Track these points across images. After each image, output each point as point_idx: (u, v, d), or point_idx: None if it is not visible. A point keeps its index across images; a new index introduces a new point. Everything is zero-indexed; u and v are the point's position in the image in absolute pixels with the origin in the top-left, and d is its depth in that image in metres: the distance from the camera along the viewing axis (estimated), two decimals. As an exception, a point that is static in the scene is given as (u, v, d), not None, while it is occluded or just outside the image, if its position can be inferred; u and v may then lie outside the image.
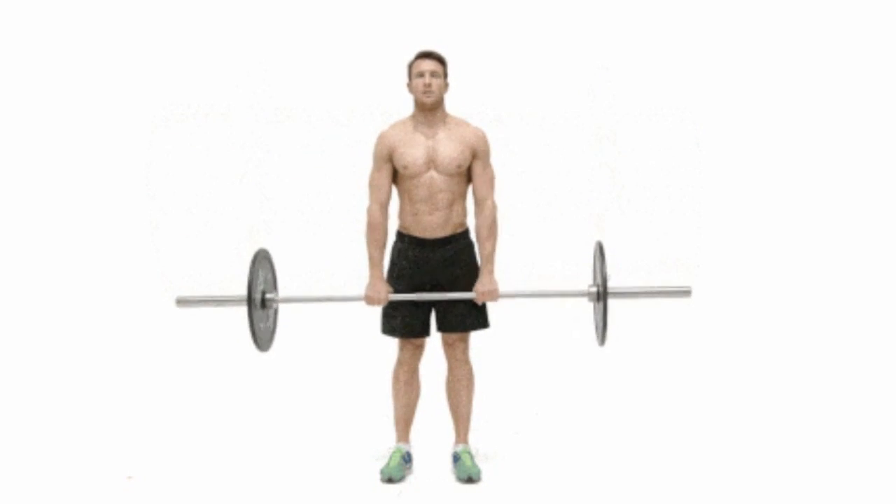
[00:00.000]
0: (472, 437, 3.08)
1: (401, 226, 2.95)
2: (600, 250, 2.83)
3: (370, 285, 2.89)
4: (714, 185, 4.69)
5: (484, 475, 2.92)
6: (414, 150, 2.84)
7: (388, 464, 2.93)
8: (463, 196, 2.93)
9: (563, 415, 3.62)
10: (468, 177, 2.91)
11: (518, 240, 4.69)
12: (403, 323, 2.92)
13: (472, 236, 2.97)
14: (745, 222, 4.67)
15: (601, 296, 2.81)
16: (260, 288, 2.90)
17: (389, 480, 2.88)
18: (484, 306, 2.97)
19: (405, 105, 2.94)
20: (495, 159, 2.95)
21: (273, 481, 2.92)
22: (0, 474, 2.97)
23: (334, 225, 4.72)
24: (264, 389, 4.04)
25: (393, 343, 3.02)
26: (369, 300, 2.88)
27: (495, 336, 3.36)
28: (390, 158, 2.87)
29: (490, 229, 2.88)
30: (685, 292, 2.88)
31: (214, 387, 4.09)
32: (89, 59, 4.59)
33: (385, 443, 3.14)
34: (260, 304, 2.90)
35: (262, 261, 2.94)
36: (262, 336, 2.93)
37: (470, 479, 2.88)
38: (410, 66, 2.89)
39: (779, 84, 4.61)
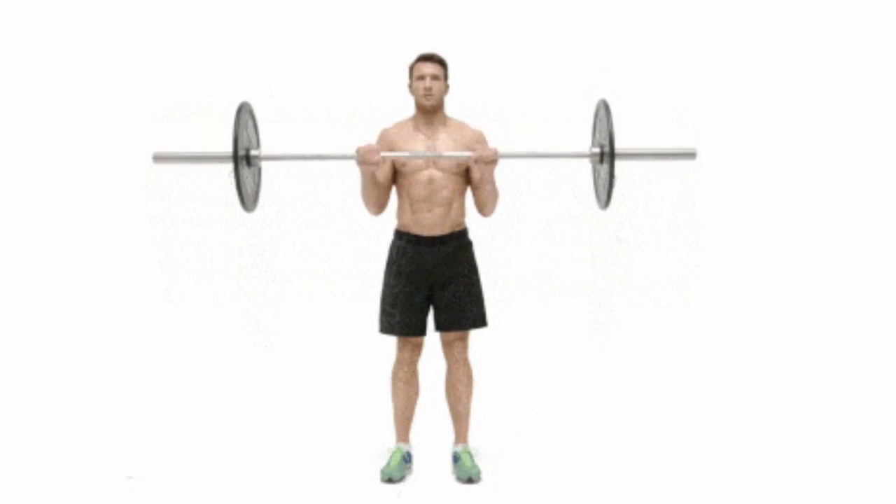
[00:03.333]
0: (472, 437, 3.08)
1: (399, 224, 2.96)
2: (605, 108, 2.74)
3: (364, 146, 2.77)
4: (714, 186, 4.69)
5: (484, 475, 2.92)
6: (413, 148, 2.86)
7: (388, 464, 2.93)
8: (462, 195, 2.93)
9: (563, 415, 3.62)
10: (467, 177, 2.92)
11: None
12: (402, 322, 2.92)
13: (471, 236, 2.99)
14: (745, 223, 4.66)
15: (605, 157, 2.71)
16: (244, 145, 2.76)
17: (389, 480, 2.88)
18: (482, 306, 2.97)
19: (406, 106, 2.95)
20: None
21: (273, 481, 2.92)
22: (0, 474, 2.97)
23: (335, 225, 4.73)
24: (264, 389, 4.04)
25: (392, 343, 3.02)
26: (362, 153, 2.74)
27: (495, 336, 3.37)
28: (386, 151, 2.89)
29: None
30: (690, 154, 2.78)
31: (214, 387, 4.09)
32: (88, 59, 4.59)
33: (385, 443, 3.14)
34: (245, 160, 2.76)
35: (245, 116, 2.81)
36: (247, 196, 2.82)
37: (470, 480, 2.88)
38: (411, 68, 2.90)
39: (780, 84, 4.61)
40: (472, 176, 2.89)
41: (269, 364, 4.44)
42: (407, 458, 2.99)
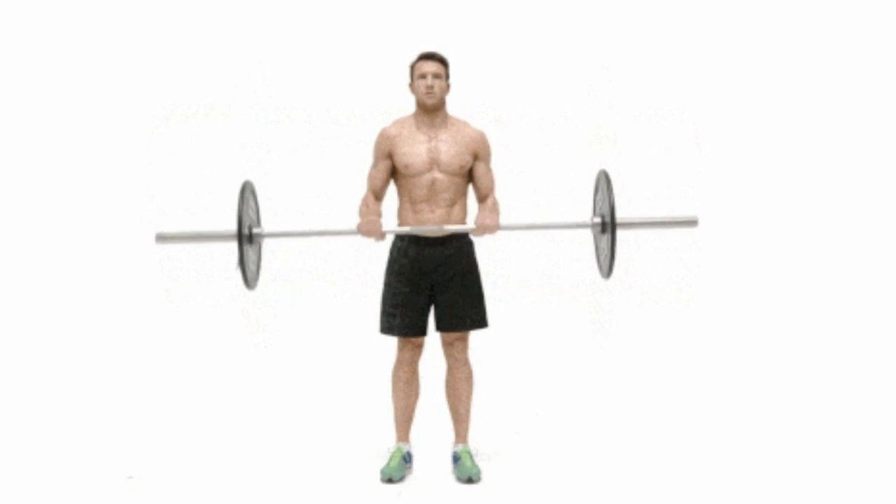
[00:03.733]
0: (472, 437, 3.08)
1: (400, 225, 2.95)
2: (606, 179, 2.72)
3: (364, 219, 2.79)
4: (714, 186, 4.69)
5: (484, 475, 2.92)
6: (416, 151, 2.85)
7: (388, 464, 2.93)
8: (464, 196, 2.93)
9: (562, 415, 3.62)
10: (469, 177, 2.92)
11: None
12: (402, 322, 2.92)
13: (472, 237, 2.99)
14: (745, 222, 4.66)
15: (606, 227, 2.70)
16: (246, 222, 2.74)
17: (389, 480, 2.88)
18: (482, 306, 2.97)
19: (407, 105, 2.95)
20: (496, 160, 2.96)
21: (273, 481, 2.92)
22: (0, 474, 2.97)
23: (335, 225, 4.71)
24: (264, 389, 4.05)
25: (392, 343, 3.02)
26: (363, 228, 2.76)
27: (495, 336, 3.36)
28: (390, 155, 2.88)
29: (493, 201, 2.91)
30: (691, 222, 2.78)
31: (214, 387, 4.09)
32: (89, 59, 4.59)
33: (385, 443, 3.14)
34: (248, 238, 2.74)
35: (248, 194, 2.79)
36: (250, 273, 2.80)
37: (470, 480, 2.88)
38: (412, 67, 2.89)
39: (781, 83, 4.61)
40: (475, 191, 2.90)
41: (269, 364, 4.44)
42: (407, 458, 2.98)
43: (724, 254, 4.66)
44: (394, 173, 2.92)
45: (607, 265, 2.77)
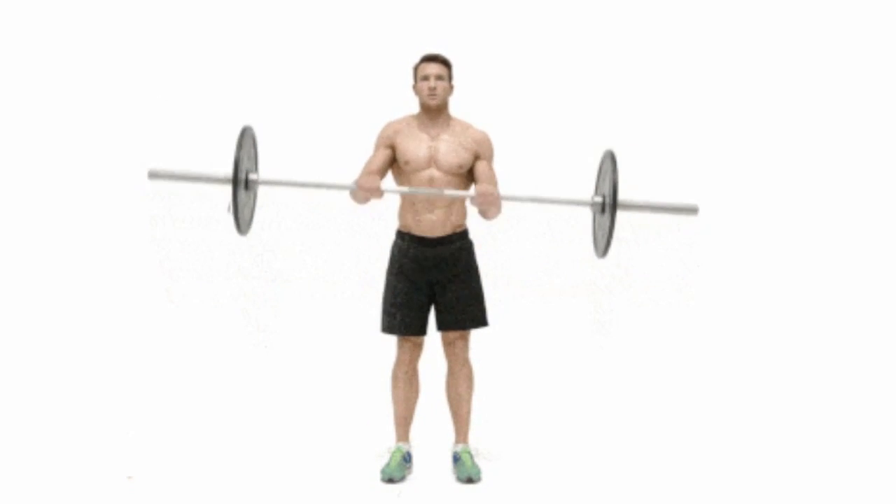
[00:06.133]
0: (472, 437, 3.08)
1: (401, 225, 2.96)
2: (611, 159, 2.73)
3: (363, 176, 2.78)
4: (714, 185, 4.69)
5: (484, 475, 2.92)
6: (416, 147, 2.86)
7: (388, 464, 2.93)
8: (463, 198, 2.93)
9: (563, 415, 3.62)
10: (470, 178, 2.92)
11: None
12: (402, 321, 2.93)
13: (472, 236, 2.99)
14: (745, 222, 4.66)
15: (607, 206, 2.72)
16: (243, 168, 2.69)
17: (390, 480, 2.88)
18: (482, 306, 2.97)
19: (409, 105, 2.95)
20: (497, 160, 2.96)
21: (273, 481, 2.92)
22: (0, 474, 2.97)
23: (335, 225, 4.72)
24: (264, 389, 4.04)
25: (392, 342, 3.02)
26: (360, 186, 2.74)
27: (495, 336, 3.37)
28: (391, 145, 2.89)
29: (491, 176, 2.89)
30: (692, 210, 2.82)
31: (214, 387, 4.09)
32: (89, 62, 4.59)
33: (385, 443, 3.14)
34: (244, 183, 2.68)
35: (247, 140, 2.75)
36: (243, 219, 2.75)
37: (470, 480, 2.88)
38: (416, 68, 2.90)
39: (782, 83, 4.61)
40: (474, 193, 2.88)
41: (269, 364, 4.43)
42: (407, 458, 2.99)
43: (725, 253, 4.66)
44: (394, 173, 2.92)
45: (603, 245, 2.78)
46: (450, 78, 2.90)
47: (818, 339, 4.32)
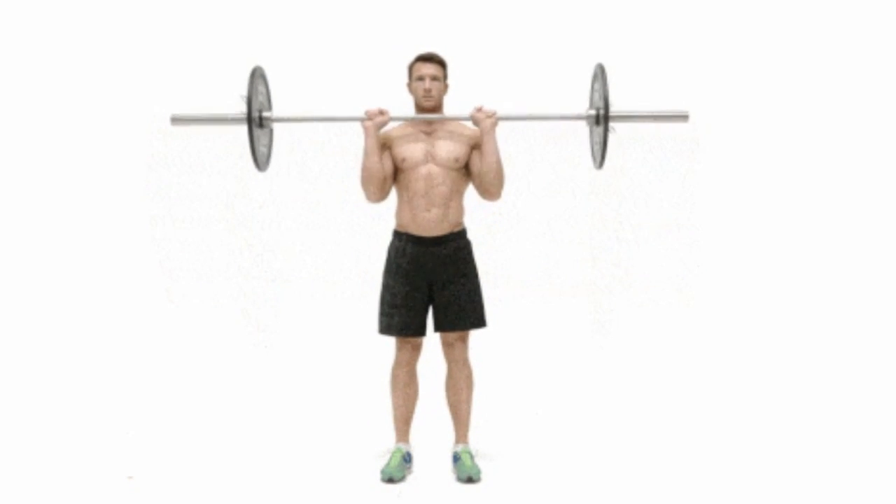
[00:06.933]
0: (472, 437, 3.08)
1: (398, 224, 2.96)
2: (601, 72, 2.83)
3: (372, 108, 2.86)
4: (714, 185, 4.69)
5: (484, 475, 2.92)
6: (412, 144, 2.88)
7: (388, 464, 2.93)
8: (460, 194, 2.93)
9: (562, 415, 3.62)
10: (467, 172, 2.92)
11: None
12: (401, 322, 2.92)
13: (470, 236, 2.99)
14: (745, 222, 4.66)
15: (601, 118, 2.83)
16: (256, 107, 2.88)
17: (390, 480, 2.88)
18: (481, 306, 2.97)
19: (406, 105, 2.95)
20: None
21: (273, 481, 2.92)
22: (0, 474, 2.97)
23: (335, 225, 4.73)
24: (264, 389, 4.05)
25: (392, 343, 3.02)
26: (370, 111, 2.84)
27: (495, 336, 3.37)
28: (387, 147, 2.89)
29: None
30: (683, 117, 2.92)
31: (214, 387, 4.09)
32: (89, 55, 4.59)
33: (385, 443, 3.14)
34: (258, 121, 2.88)
35: (257, 79, 2.91)
36: (261, 156, 2.95)
37: (470, 479, 2.88)
38: (410, 68, 2.90)
39: (782, 84, 4.61)
40: (475, 159, 2.89)
41: (269, 364, 4.44)
42: (407, 458, 2.99)
43: (725, 254, 4.66)
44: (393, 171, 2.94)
45: (599, 156, 2.88)
46: (445, 77, 2.91)
47: (818, 339, 4.32)
